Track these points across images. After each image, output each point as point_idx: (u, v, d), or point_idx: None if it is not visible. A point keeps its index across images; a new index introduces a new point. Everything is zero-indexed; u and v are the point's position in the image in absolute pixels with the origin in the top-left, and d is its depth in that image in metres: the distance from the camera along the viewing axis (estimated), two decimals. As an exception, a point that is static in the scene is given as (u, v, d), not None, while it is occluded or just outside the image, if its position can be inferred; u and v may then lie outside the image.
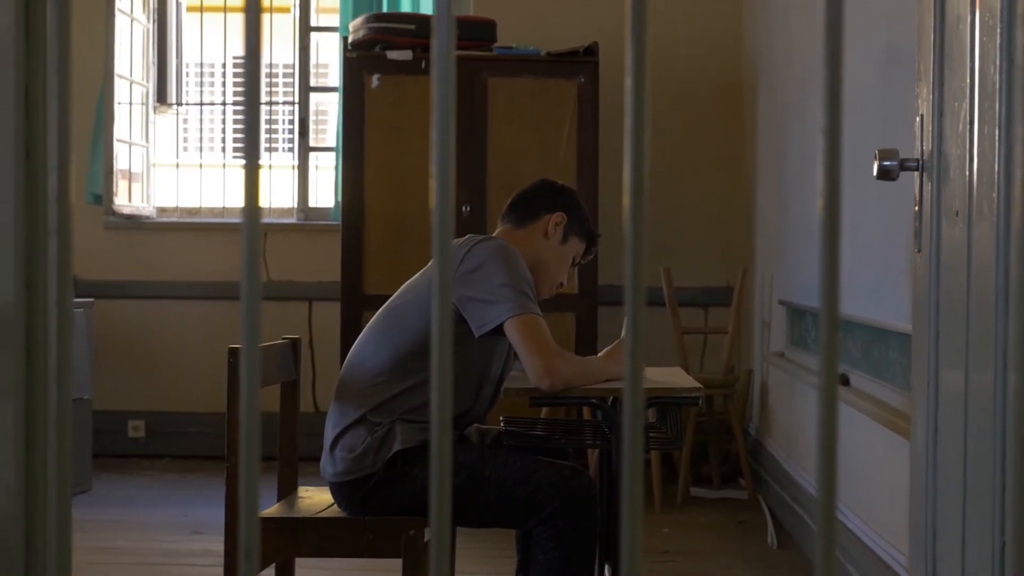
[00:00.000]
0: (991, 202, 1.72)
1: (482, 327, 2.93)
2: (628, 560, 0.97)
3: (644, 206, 0.86)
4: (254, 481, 0.91)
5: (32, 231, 1.23)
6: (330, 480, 3.00)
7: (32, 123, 1.22)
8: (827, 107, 0.84)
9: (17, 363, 1.22)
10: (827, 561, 0.84)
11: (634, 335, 0.89)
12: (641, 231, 0.86)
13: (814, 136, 4.77)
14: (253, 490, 0.90)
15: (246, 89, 1.00)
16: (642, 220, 0.85)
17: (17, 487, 1.28)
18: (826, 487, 0.87)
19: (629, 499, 0.97)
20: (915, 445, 2.10)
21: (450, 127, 0.94)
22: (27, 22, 1.21)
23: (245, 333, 0.90)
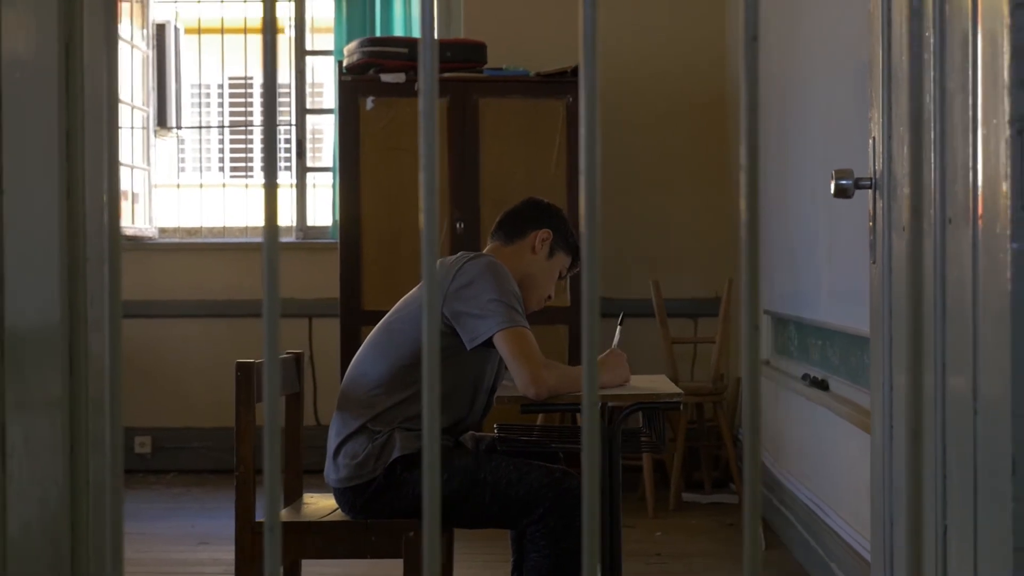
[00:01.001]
0: (930, 219, 1.89)
1: (474, 340, 3.11)
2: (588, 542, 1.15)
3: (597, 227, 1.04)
4: (276, 465, 1.08)
5: (73, 260, 1.40)
6: (334, 486, 3.17)
7: (72, 165, 1.39)
8: (746, 149, 1.02)
9: (63, 378, 1.39)
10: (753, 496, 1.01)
11: (589, 345, 1.07)
12: (594, 249, 1.04)
13: (793, 152, 4.96)
14: (275, 473, 1.08)
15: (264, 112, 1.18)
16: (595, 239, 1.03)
17: (63, 488, 1.45)
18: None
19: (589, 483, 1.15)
20: (874, 441, 2.28)
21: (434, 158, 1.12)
22: (67, 71, 1.38)
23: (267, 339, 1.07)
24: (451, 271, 3.17)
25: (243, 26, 7.17)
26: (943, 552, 1.83)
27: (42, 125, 1.34)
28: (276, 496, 1.10)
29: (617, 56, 6.48)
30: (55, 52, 1.37)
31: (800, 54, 4.81)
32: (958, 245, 1.74)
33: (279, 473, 1.10)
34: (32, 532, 1.34)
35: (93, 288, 1.41)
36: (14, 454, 1.29)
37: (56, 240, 1.37)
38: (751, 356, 1.06)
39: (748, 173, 1.04)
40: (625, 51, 6.58)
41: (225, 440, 6.65)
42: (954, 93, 1.75)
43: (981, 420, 1.64)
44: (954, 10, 1.75)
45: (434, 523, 1.16)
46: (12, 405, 1.27)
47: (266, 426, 1.07)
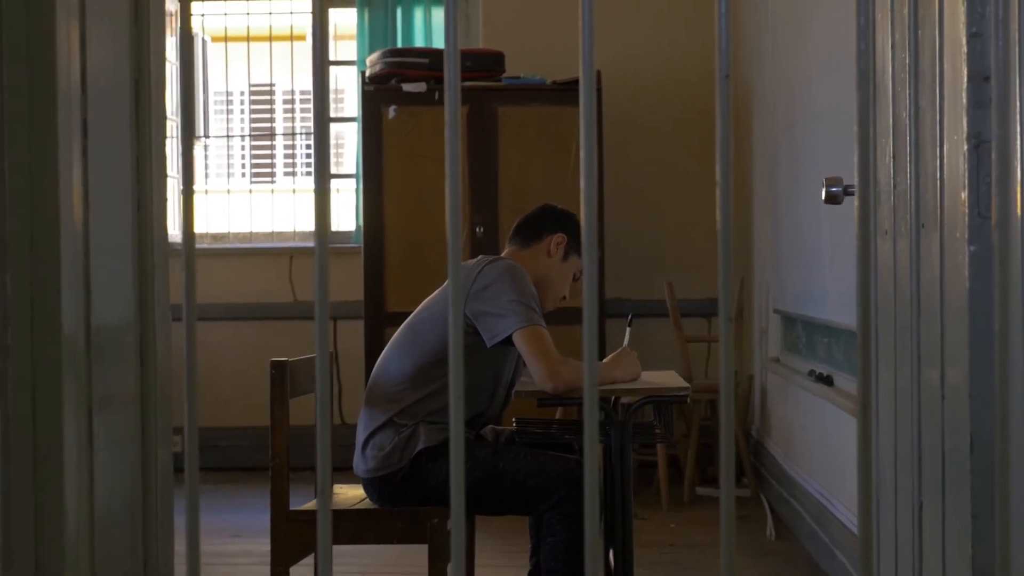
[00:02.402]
0: (906, 224, 2.08)
1: (493, 338, 3.30)
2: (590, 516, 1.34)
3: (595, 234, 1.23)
4: (326, 427, 1.27)
5: (143, 268, 1.60)
6: (362, 476, 3.37)
7: (142, 185, 1.59)
8: (720, 165, 1.21)
9: (137, 374, 1.59)
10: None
11: (588, 344, 1.26)
12: (594, 266, 1.23)
13: (802, 156, 5.14)
14: (326, 437, 1.27)
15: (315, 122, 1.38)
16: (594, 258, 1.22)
17: (136, 474, 1.64)
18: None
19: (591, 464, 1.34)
20: (863, 429, 2.46)
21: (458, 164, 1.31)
22: (137, 95, 1.58)
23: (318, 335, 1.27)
24: (472, 273, 3.37)
25: (268, 34, 7.38)
26: (919, 526, 2.02)
27: (117, 146, 1.54)
28: (326, 461, 1.29)
29: (633, 65, 6.67)
30: (128, 79, 1.57)
31: (808, 58, 4.99)
32: (929, 248, 1.92)
33: (328, 444, 1.29)
34: (112, 507, 1.53)
35: (160, 292, 1.61)
36: (99, 443, 1.48)
37: (130, 249, 1.57)
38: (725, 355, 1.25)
39: (722, 191, 1.23)
40: (641, 61, 6.77)
41: (253, 439, 6.87)
42: (925, 110, 1.93)
43: (947, 406, 1.82)
44: (925, 35, 1.93)
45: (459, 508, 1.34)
46: (97, 399, 1.46)
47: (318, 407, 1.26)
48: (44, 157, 1.30)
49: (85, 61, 1.42)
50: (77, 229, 1.38)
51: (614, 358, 3.52)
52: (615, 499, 3.42)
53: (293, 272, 6.91)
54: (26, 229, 1.30)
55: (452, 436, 1.35)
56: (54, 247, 1.31)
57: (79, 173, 1.40)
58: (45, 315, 1.31)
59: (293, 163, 7.67)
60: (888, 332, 2.24)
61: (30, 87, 1.30)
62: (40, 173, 1.31)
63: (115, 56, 1.53)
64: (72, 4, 1.36)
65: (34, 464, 1.31)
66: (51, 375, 1.32)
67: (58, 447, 1.32)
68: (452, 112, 1.27)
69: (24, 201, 1.29)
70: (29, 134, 1.29)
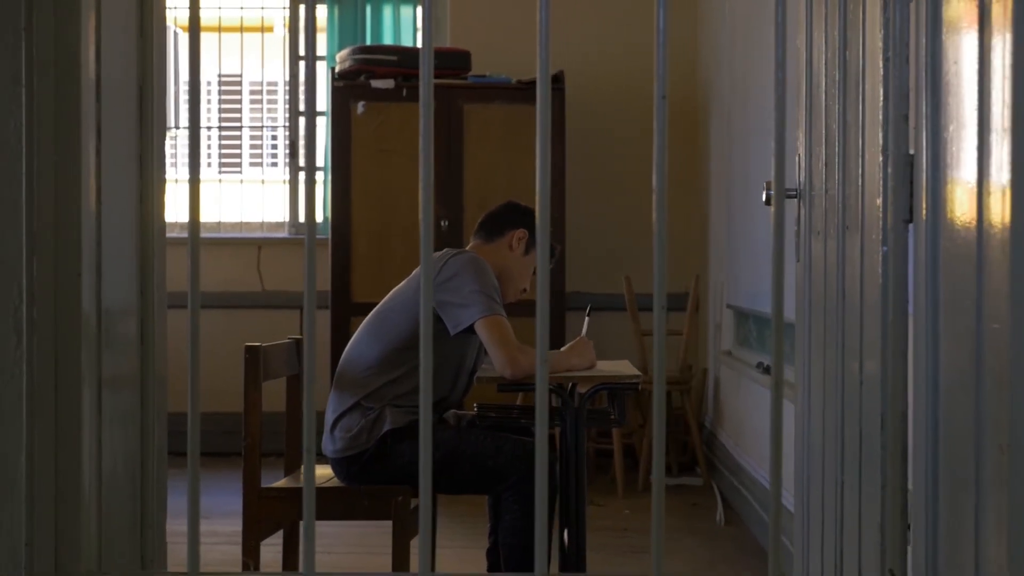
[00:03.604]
0: (835, 226, 2.28)
1: (456, 326, 3.50)
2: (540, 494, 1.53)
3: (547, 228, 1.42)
4: (311, 396, 1.46)
5: (145, 256, 1.78)
6: (330, 456, 3.56)
7: (144, 180, 1.77)
8: (656, 180, 1.40)
9: (137, 356, 1.77)
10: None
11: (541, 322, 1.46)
12: (546, 261, 1.42)
13: (753, 161, 5.36)
14: (311, 403, 1.45)
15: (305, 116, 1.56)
16: (546, 251, 1.41)
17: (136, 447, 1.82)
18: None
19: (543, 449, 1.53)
20: (799, 412, 2.68)
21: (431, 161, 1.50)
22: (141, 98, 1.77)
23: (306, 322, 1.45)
24: (437, 265, 3.56)
25: (239, 25, 7.52)
26: (840, 503, 2.23)
27: (124, 146, 1.72)
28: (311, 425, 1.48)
29: (593, 67, 6.87)
30: (134, 87, 1.76)
31: (759, 64, 5.20)
32: (853, 249, 2.13)
33: (313, 411, 1.47)
34: (118, 474, 1.71)
35: (158, 279, 1.80)
36: (106, 416, 1.66)
37: (133, 238, 1.75)
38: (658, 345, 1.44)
39: (657, 200, 1.42)
40: (604, 61, 6.97)
41: (220, 424, 7.02)
42: (851, 124, 2.14)
43: (864, 391, 2.03)
44: (851, 57, 2.14)
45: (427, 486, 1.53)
46: (105, 377, 1.64)
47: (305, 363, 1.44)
48: (67, 157, 1.49)
49: (100, 73, 1.60)
50: (92, 220, 1.57)
51: (571, 347, 3.72)
52: (569, 481, 3.62)
53: (262, 261, 7.08)
54: (51, 219, 1.48)
55: (421, 419, 1.54)
56: (75, 235, 1.49)
57: (94, 170, 1.58)
58: (66, 295, 1.49)
59: (265, 154, 7.82)
60: (819, 324, 2.45)
61: (56, 97, 1.48)
62: (63, 171, 1.49)
63: (123, 68, 1.72)
64: (90, 24, 1.54)
65: (56, 428, 1.49)
66: (71, 350, 1.50)
67: (77, 414, 1.50)
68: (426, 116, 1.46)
69: (50, 195, 1.47)
70: (55, 137, 1.47)
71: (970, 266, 1.61)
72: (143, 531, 1.80)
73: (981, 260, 1.57)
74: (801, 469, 2.56)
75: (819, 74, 2.44)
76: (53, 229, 1.47)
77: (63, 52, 1.47)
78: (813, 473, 2.44)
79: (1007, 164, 1.45)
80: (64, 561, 1.50)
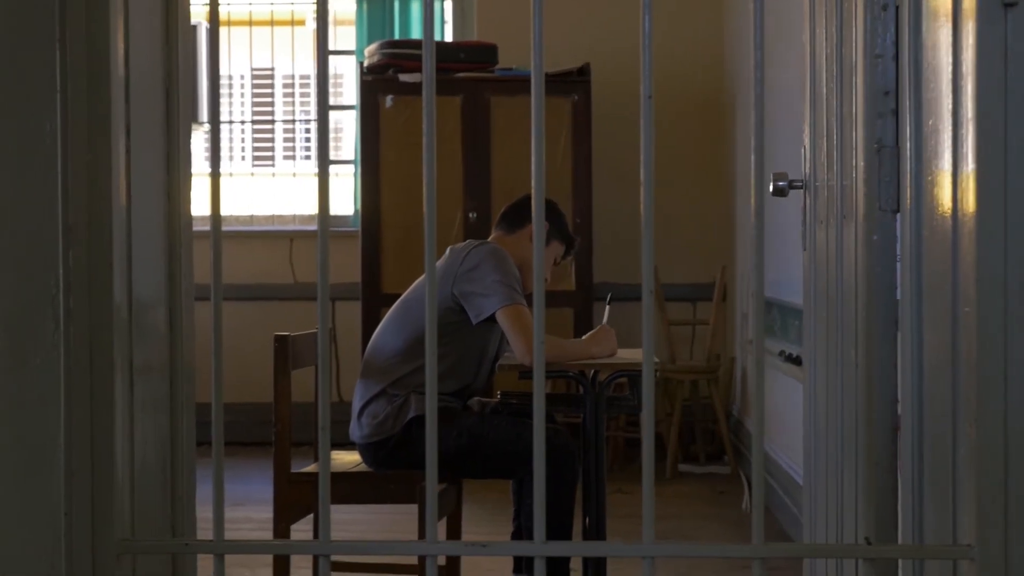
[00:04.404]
0: (835, 214, 2.38)
1: (479, 315, 3.61)
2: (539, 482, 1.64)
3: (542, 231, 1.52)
4: (326, 376, 1.57)
5: (172, 247, 1.90)
6: (358, 442, 3.68)
7: (171, 177, 1.89)
8: (644, 170, 1.51)
9: (166, 346, 1.88)
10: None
11: (537, 329, 1.56)
12: (540, 252, 1.53)
13: (779, 150, 5.44)
14: (326, 383, 1.57)
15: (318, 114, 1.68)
16: (541, 240, 1.52)
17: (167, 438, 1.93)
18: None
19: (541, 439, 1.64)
20: (806, 394, 2.77)
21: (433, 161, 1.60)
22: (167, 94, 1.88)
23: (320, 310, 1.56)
24: (460, 256, 3.67)
25: (270, 19, 7.64)
26: (841, 478, 2.33)
27: (151, 144, 1.84)
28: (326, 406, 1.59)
29: (623, 59, 6.95)
30: (160, 87, 1.87)
31: (781, 55, 5.28)
32: (849, 237, 2.22)
33: (328, 392, 1.59)
34: (149, 457, 1.83)
35: (185, 271, 1.91)
36: (137, 406, 1.77)
37: (160, 232, 1.87)
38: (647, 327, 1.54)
39: (645, 197, 1.52)
40: (630, 53, 7.05)
41: (251, 414, 7.16)
42: (846, 118, 2.23)
43: (860, 373, 2.12)
44: (846, 53, 2.23)
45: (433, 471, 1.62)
46: (136, 366, 1.75)
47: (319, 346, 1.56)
48: (99, 155, 1.60)
49: (128, 76, 1.72)
50: (123, 214, 1.68)
51: (592, 335, 3.82)
52: (590, 465, 3.73)
53: (294, 254, 7.22)
54: (85, 213, 1.59)
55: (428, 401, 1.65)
56: (107, 229, 1.60)
57: (124, 168, 1.70)
58: (99, 285, 1.60)
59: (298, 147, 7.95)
60: (822, 310, 2.55)
61: (89, 96, 1.60)
62: (95, 168, 1.61)
63: (150, 70, 1.83)
64: (119, 31, 1.66)
65: (91, 408, 1.61)
66: (104, 338, 1.61)
67: (110, 396, 1.62)
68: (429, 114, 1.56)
69: (84, 191, 1.58)
70: (88, 136, 1.59)
71: (947, 252, 1.70)
72: (173, 506, 1.92)
73: (955, 247, 1.66)
74: (808, 445, 2.66)
75: (820, 69, 2.53)
76: (87, 223, 1.58)
77: (94, 59, 1.58)
78: (818, 449, 2.54)
79: (972, 153, 1.54)
80: (100, 530, 1.62)
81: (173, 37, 1.88)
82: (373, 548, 1.71)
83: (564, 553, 1.86)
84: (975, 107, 1.57)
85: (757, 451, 1.60)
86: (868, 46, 1.93)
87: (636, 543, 1.63)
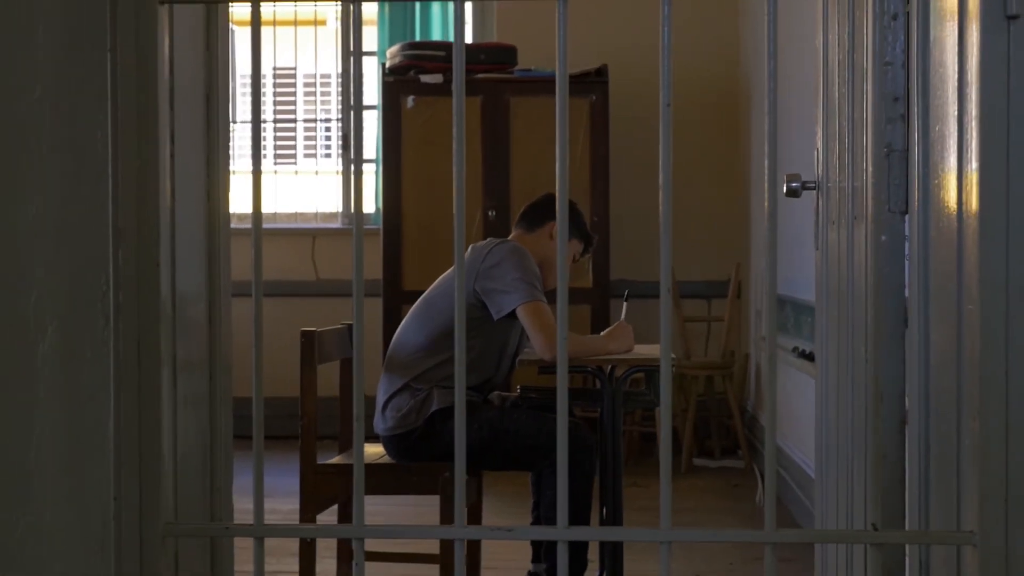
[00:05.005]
0: (846, 215, 2.46)
1: (500, 312, 3.70)
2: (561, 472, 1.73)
3: (566, 232, 1.61)
4: (360, 366, 1.66)
5: (213, 246, 1.99)
6: (382, 434, 3.77)
7: (211, 180, 1.98)
8: (663, 172, 1.59)
9: (206, 341, 1.97)
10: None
11: (560, 326, 1.65)
12: (563, 253, 1.61)
13: (795, 150, 5.52)
14: (360, 373, 1.66)
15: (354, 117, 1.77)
16: (564, 241, 1.61)
17: (207, 431, 2.03)
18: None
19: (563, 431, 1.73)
20: (818, 389, 2.85)
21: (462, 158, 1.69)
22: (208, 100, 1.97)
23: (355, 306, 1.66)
24: (481, 254, 3.77)
25: (293, 19, 7.74)
26: (851, 470, 2.41)
27: (193, 149, 1.93)
28: (361, 396, 1.68)
29: (641, 61, 7.02)
30: (201, 95, 1.96)
31: (795, 57, 5.35)
32: (859, 237, 2.30)
33: (363, 380, 1.68)
34: (190, 455, 1.93)
35: (223, 268, 2.01)
36: (179, 400, 1.87)
37: (202, 232, 1.96)
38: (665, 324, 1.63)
39: (663, 201, 1.61)
40: (647, 53, 7.12)
41: (277, 408, 7.26)
42: (857, 122, 2.31)
43: (868, 370, 2.20)
44: (857, 59, 2.31)
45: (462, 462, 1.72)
46: (179, 361, 1.85)
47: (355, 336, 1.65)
48: (147, 160, 1.70)
49: (173, 83, 1.81)
50: (168, 216, 1.78)
51: (610, 331, 3.91)
52: (607, 458, 3.82)
53: (316, 251, 7.32)
54: (133, 215, 1.69)
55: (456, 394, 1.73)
56: (154, 230, 1.70)
57: (169, 171, 1.79)
58: (147, 284, 1.69)
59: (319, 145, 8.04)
60: (834, 307, 2.63)
61: (138, 105, 1.69)
62: (144, 173, 1.70)
63: (192, 74, 1.92)
64: (165, 42, 1.75)
65: (139, 400, 1.70)
66: (151, 334, 1.70)
67: (157, 395, 1.71)
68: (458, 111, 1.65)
69: (132, 195, 1.68)
70: (137, 143, 1.68)
71: (953, 252, 1.78)
72: (212, 496, 2.02)
73: (960, 247, 1.75)
74: (820, 438, 2.74)
75: (833, 74, 2.61)
76: (136, 225, 1.68)
77: (143, 69, 1.68)
78: (829, 442, 2.62)
79: (976, 158, 1.63)
80: (147, 513, 1.71)
81: (213, 44, 1.97)
82: (404, 532, 1.80)
83: (585, 538, 1.95)
84: (979, 114, 1.65)
85: (770, 441, 1.69)
86: (878, 54, 2.01)
87: (653, 528, 1.71)
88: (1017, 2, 1.61)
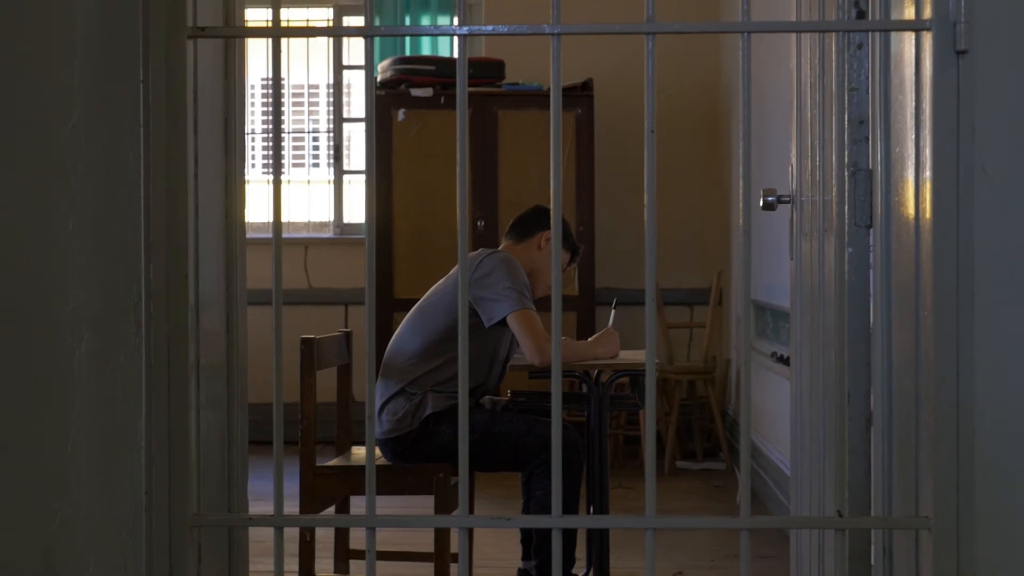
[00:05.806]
0: (817, 227, 2.63)
1: (491, 319, 3.87)
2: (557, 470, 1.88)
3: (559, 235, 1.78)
4: (372, 367, 1.82)
5: (230, 254, 2.15)
6: (378, 438, 3.93)
7: (229, 197, 2.14)
8: (648, 191, 1.76)
9: (224, 347, 2.13)
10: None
11: (555, 332, 1.81)
12: (557, 260, 1.78)
13: (774, 162, 5.70)
14: (372, 379, 1.82)
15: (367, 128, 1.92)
16: (558, 251, 1.77)
17: (222, 433, 2.19)
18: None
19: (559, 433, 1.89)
20: (792, 390, 3.02)
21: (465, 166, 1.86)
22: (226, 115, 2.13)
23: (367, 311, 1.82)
24: (474, 264, 3.93)
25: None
26: (823, 466, 2.58)
27: (213, 169, 2.09)
28: (372, 395, 1.84)
29: (625, 75, 7.21)
30: (220, 119, 2.13)
31: (764, 78, 5.53)
32: (829, 249, 2.47)
33: (375, 380, 1.84)
34: (209, 455, 2.09)
35: (240, 276, 2.17)
36: (202, 403, 2.03)
37: (220, 245, 2.12)
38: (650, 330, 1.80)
39: (648, 219, 1.78)
40: (631, 68, 7.31)
41: (267, 414, 7.40)
42: (827, 141, 2.48)
43: (834, 375, 2.37)
44: (827, 83, 2.48)
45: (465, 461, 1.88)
46: (202, 368, 2.01)
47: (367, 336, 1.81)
48: (176, 182, 1.86)
49: (196, 109, 1.98)
50: (191, 231, 1.94)
51: (597, 337, 4.09)
52: (593, 458, 3.98)
53: (309, 261, 7.48)
54: (163, 232, 1.85)
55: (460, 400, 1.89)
56: (183, 246, 1.86)
57: (193, 190, 1.96)
58: (176, 294, 1.85)
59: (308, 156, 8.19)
60: (807, 314, 2.80)
61: (167, 130, 1.86)
62: (172, 191, 1.87)
63: (212, 103, 2.09)
64: (191, 66, 1.92)
65: (168, 409, 1.87)
66: (180, 341, 1.86)
67: (185, 398, 1.88)
68: (461, 123, 1.82)
69: (163, 213, 1.84)
70: (166, 165, 1.85)
71: (911, 263, 1.96)
72: (229, 493, 2.17)
73: (918, 259, 1.92)
74: (795, 436, 2.91)
75: (806, 95, 2.79)
76: (165, 241, 1.84)
77: (172, 98, 1.84)
78: (803, 438, 2.79)
79: (929, 177, 1.80)
80: (175, 507, 1.87)
81: (231, 71, 2.13)
82: (414, 522, 1.97)
83: (576, 526, 2.11)
84: (932, 138, 1.82)
85: (744, 436, 1.86)
86: (843, 80, 2.19)
87: (639, 516, 1.87)
88: (965, 39, 1.78)
